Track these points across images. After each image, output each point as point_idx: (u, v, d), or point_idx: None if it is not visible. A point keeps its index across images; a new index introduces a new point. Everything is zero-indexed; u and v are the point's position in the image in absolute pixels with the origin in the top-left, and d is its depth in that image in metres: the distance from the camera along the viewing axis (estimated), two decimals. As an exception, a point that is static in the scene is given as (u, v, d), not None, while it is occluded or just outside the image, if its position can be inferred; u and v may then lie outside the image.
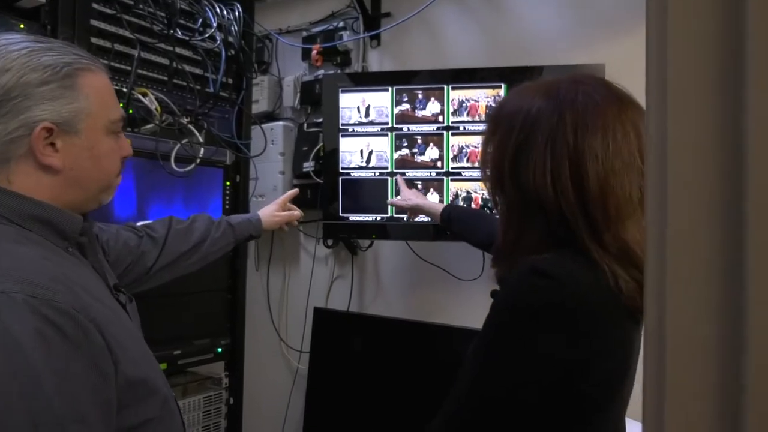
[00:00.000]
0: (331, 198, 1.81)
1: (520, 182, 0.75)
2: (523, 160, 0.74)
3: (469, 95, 1.70)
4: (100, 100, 0.85)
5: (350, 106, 1.79)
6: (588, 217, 0.71)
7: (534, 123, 0.74)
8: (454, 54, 1.93)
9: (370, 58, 2.10)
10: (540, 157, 0.73)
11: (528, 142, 0.74)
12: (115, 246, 1.15)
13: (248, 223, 1.44)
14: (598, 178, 0.71)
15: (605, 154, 0.71)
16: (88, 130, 0.84)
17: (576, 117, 0.72)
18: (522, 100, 0.77)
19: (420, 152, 1.74)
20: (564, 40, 1.75)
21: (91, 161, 0.85)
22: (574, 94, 0.74)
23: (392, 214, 1.76)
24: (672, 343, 0.30)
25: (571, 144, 0.72)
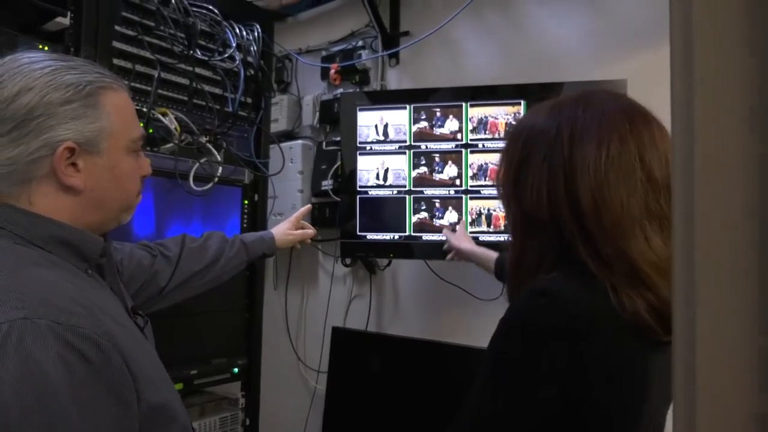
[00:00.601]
0: (349, 216, 1.81)
1: (520, 199, 0.75)
2: (522, 177, 0.75)
3: (489, 112, 1.70)
4: (122, 119, 0.86)
5: (368, 124, 1.80)
6: (584, 232, 0.71)
7: (534, 140, 0.75)
8: (472, 71, 1.93)
9: (388, 76, 2.11)
10: (537, 172, 0.74)
11: (528, 159, 0.75)
12: (129, 265, 1.15)
13: (261, 242, 1.45)
14: (591, 190, 0.70)
15: (598, 166, 0.70)
16: (110, 150, 0.84)
17: (573, 131, 0.73)
18: (530, 118, 0.79)
19: (438, 170, 1.73)
20: (585, 56, 1.74)
21: (113, 181, 0.85)
22: (575, 109, 0.75)
23: (410, 232, 1.76)
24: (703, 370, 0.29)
25: (566, 157, 0.72)
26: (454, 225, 1.69)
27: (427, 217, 1.75)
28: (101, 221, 0.86)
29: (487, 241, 1.67)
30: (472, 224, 1.70)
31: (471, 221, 1.70)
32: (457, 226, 1.66)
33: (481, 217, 1.70)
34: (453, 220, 1.71)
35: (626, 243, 0.70)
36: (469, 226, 1.70)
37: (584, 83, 1.61)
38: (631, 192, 0.70)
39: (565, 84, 1.64)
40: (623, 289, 0.69)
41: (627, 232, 0.70)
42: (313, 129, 2.24)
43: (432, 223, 1.74)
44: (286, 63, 2.29)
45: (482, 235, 1.68)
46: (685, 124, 0.30)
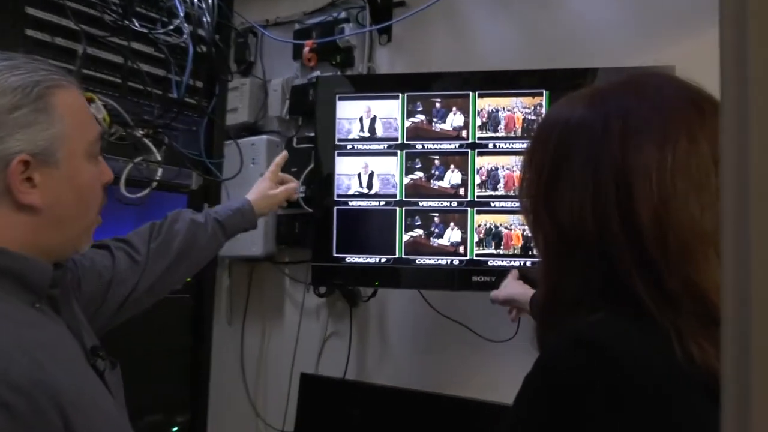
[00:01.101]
0: (325, 233, 1.80)
1: (556, 214, 0.74)
2: (557, 186, 0.74)
3: (502, 104, 1.70)
4: (77, 121, 0.92)
5: (351, 117, 1.80)
6: (642, 257, 0.68)
7: (573, 136, 0.74)
8: (483, 53, 1.93)
9: (377, 57, 2.11)
10: (579, 179, 0.73)
11: (564, 164, 0.74)
12: (89, 279, 1.17)
13: (239, 216, 1.48)
14: (653, 205, 0.68)
15: (662, 172, 0.68)
16: (68, 158, 0.90)
17: (626, 125, 0.71)
18: (561, 110, 0.77)
19: (438, 176, 1.73)
20: (623, 37, 1.74)
21: (74, 194, 0.91)
22: (627, 97, 0.73)
23: (401, 254, 1.75)
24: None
25: (617, 160, 0.70)
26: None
27: (423, 236, 1.74)
28: (59, 245, 0.92)
29: (496, 266, 1.67)
30: (479, 245, 1.70)
31: (477, 241, 1.70)
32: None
33: (490, 237, 1.70)
34: (456, 240, 1.71)
35: (698, 272, 0.67)
36: (474, 246, 1.70)
37: (623, 70, 1.59)
38: (704, 205, 0.68)
39: (599, 70, 1.64)
40: (693, 335, 0.66)
41: (699, 258, 0.67)
42: (282, 122, 2.23)
43: (429, 242, 1.73)
44: (249, 38, 2.28)
45: (491, 259, 1.68)
46: (737, 128, 0.31)
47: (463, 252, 1.71)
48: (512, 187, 1.68)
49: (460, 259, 1.70)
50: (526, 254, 1.66)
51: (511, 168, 1.69)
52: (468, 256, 1.70)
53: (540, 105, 1.68)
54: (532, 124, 1.68)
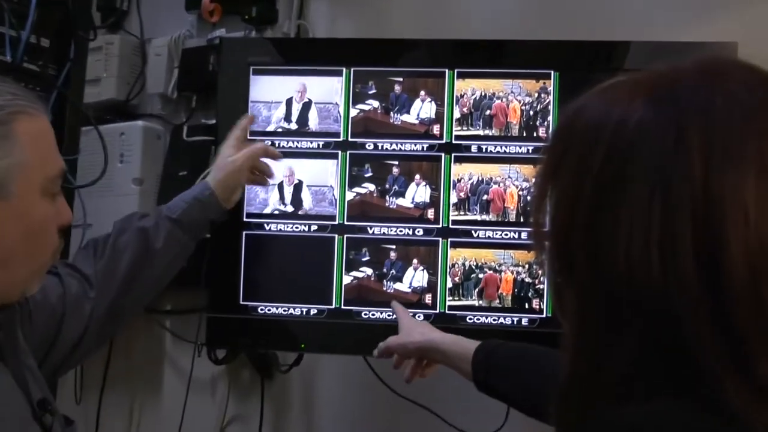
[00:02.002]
0: (227, 270, 1.80)
1: (601, 260, 0.74)
2: (607, 216, 0.74)
3: (492, 88, 1.72)
4: (38, 152, 1.12)
5: (271, 99, 1.81)
6: (727, 327, 0.69)
7: (630, 148, 0.74)
8: (466, 14, 1.96)
9: (312, 12, 2.13)
10: (640, 213, 0.72)
11: (618, 185, 0.74)
12: (42, 314, 1.34)
13: (198, 206, 1.60)
14: (748, 251, 0.69)
15: (762, 212, 0.70)
16: (21, 192, 1.09)
17: (710, 138, 0.71)
18: (609, 106, 0.78)
19: (397, 191, 1.74)
20: (666, 3, 1.80)
21: (23, 234, 1.11)
22: (706, 96, 0.73)
23: (340, 304, 1.76)
24: None
25: (698, 188, 0.70)
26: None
27: (373, 277, 1.75)
28: (2, 287, 1.11)
29: (478, 324, 1.69)
30: (454, 293, 1.72)
31: (452, 287, 1.72)
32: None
33: (470, 282, 1.71)
34: (420, 284, 1.73)
35: None
36: (447, 295, 1.72)
37: (666, 46, 1.64)
38: None
39: (632, 45, 1.67)
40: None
41: None
42: (166, 101, 2.24)
43: (381, 287, 1.75)
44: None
45: (470, 314, 1.70)
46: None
47: (430, 303, 1.72)
48: (500, 209, 1.71)
49: (425, 313, 1.71)
50: (522, 308, 1.69)
51: (502, 181, 1.72)
52: (437, 308, 1.72)
53: (545, 90, 1.72)
54: (534, 119, 1.72)
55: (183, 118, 2.21)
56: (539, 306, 1.69)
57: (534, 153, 1.71)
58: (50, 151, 1.18)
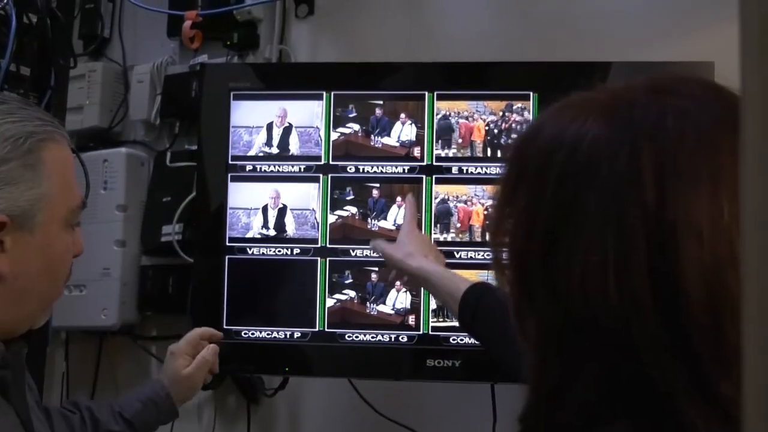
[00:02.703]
0: (210, 294, 1.80)
1: (559, 289, 0.74)
2: (563, 246, 0.73)
3: (461, 109, 1.74)
4: (63, 183, 1.14)
5: (252, 123, 1.82)
6: (686, 351, 0.69)
7: (585, 169, 0.73)
8: (446, 38, 1.97)
9: (293, 36, 2.14)
10: (594, 240, 0.72)
11: (572, 211, 0.73)
12: None
13: (152, 409, 1.52)
14: (704, 275, 0.68)
15: (717, 230, 0.69)
16: (46, 224, 1.10)
17: (663, 160, 0.71)
18: (564, 125, 0.77)
19: (378, 213, 1.75)
20: (645, 24, 1.81)
21: (45, 265, 1.12)
22: (658, 115, 0.73)
23: (323, 327, 1.76)
24: None
25: (651, 213, 0.69)
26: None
27: (356, 299, 1.76)
28: (15, 320, 1.12)
29: (462, 345, 1.69)
30: (437, 314, 1.72)
31: (435, 308, 1.72)
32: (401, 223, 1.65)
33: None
34: (403, 306, 1.74)
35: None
36: (430, 316, 1.72)
37: (646, 66, 1.66)
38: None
39: (612, 66, 1.69)
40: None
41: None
42: (150, 128, 2.24)
43: (364, 309, 1.75)
44: (102, 4, 2.29)
45: (454, 335, 1.71)
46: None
47: (413, 324, 1.72)
48: (467, 227, 1.72)
49: (409, 335, 1.72)
50: None
51: (469, 199, 1.73)
52: (421, 330, 1.72)
53: (512, 110, 1.73)
54: (498, 137, 1.73)
55: (166, 144, 2.21)
56: None
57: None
58: (73, 182, 1.19)
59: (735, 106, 0.69)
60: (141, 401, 1.51)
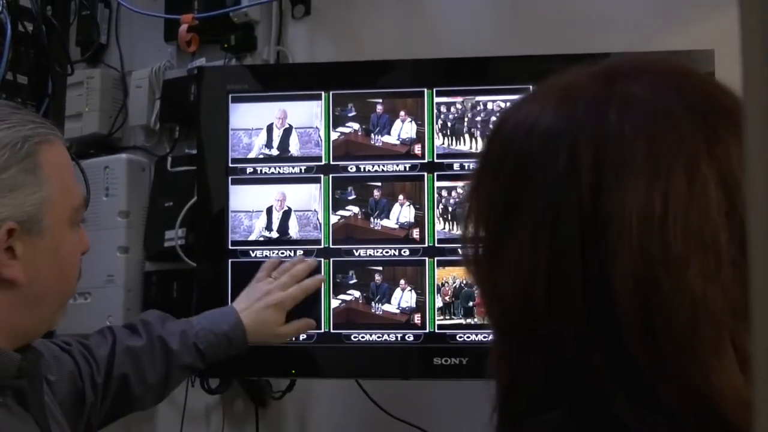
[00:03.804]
0: (214, 298, 1.78)
1: (498, 283, 0.75)
2: (506, 234, 0.74)
3: (474, 105, 1.74)
4: (63, 183, 1.16)
5: (252, 126, 1.82)
6: (617, 350, 0.69)
7: (532, 157, 0.74)
8: (444, 33, 1.98)
9: (290, 37, 2.14)
10: (531, 229, 0.72)
11: (519, 199, 0.73)
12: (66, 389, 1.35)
13: (225, 344, 1.56)
14: (633, 269, 0.67)
15: (648, 222, 0.67)
16: (53, 226, 1.13)
17: (600, 151, 0.70)
18: (522, 116, 0.77)
19: (380, 212, 1.75)
20: (645, 13, 1.82)
21: (57, 267, 1.16)
22: (602, 104, 0.72)
23: (329, 328, 1.75)
24: None
25: (585, 203, 0.69)
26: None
27: (360, 299, 1.75)
28: (33, 324, 1.16)
29: (469, 343, 1.69)
30: (444, 312, 1.71)
31: (441, 306, 1.71)
32: None
33: (459, 300, 1.71)
34: (409, 305, 1.73)
35: (703, 374, 0.67)
36: (436, 314, 1.71)
37: (647, 55, 1.65)
38: (712, 273, 0.67)
39: (612, 57, 1.67)
40: None
41: (704, 353, 0.67)
42: (150, 133, 2.24)
43: (369, 309, 1.74)
44: (99, 9, 2.29)
45: (460, 333, 1.70)
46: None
47: (419, 323, 1.71)
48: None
49: (415, 334, 1.71)
50: None
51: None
52: (427, 328, 1.71)
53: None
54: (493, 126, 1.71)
55: (166, 149, 2.22)
56: None
57: None
58: (73, 180, 1.22)
59: (700, 95, 0.73)
60: (216, 334, 1.55)
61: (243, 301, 1.64)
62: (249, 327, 1.59)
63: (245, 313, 1.61)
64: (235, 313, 1.60)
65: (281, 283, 1.67)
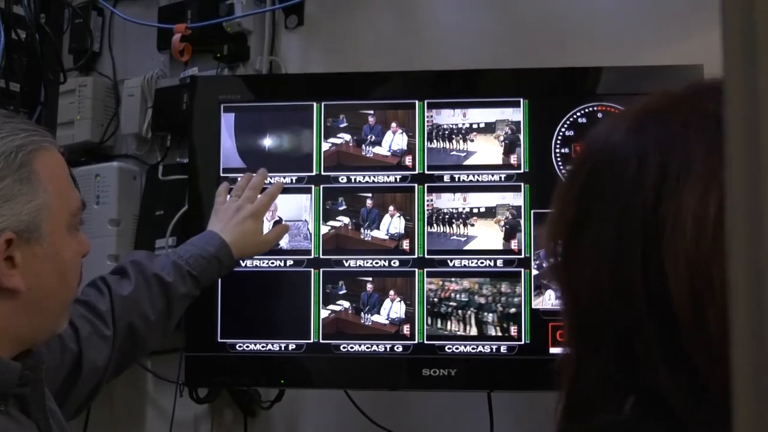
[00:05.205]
0: (204, 308, 1.78)
1: (572, 280, 0.78)
2: (581, 238, 0.77)
3: (462, 118, 1.75)
4: (59, 189, 1.16)
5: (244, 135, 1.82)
6: (674, 346, 0.71)
7: (605, 171, 0.78)
8: (436, 46, 1.99)
9: (284, 47, 2.15)
10: (602, 232, 0.76)
11: (593, 207, 0.77)
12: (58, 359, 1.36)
13: (216, 265, 1.59)
14: (689, 270, 0.70)
15: (701, 222, 0.70)
16: (51, 233, 1.13)
17: (665, 163, 0.73)
18: (602, 130, 0.82)
19: (370, 223, 1.76)
20: (636, 28, 1.83)
21: (57, 274, 1.16)
22: (672, 122, 0.76)
23: (318, 338, 1.75)
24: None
25: (648, 208, 0.73)
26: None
27: (350, 310, 1.75)
28: (35, 331, 1.16)
29: (458, 354, 1.69)
30: (433, 321, 1.72)
31: (429, 324, 1.72)
32: None
33: (449, 317, 1.71)
34: (398, 315, 1.73)
35: None
36: (424, 325, 1.71)
37: (635, 70, 1.69)
38: None
39: (603, 71, 1.71)
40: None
41: None
42: (142, 141, 2.24)
43: (359, 319, 1.74)
44: (92, 18, 2.29)
45: (449, 344, 1.70)
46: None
47: (408, 333, 1.72)
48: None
49: (404, 344, 1.72)
50: (507, 335, 1.68)
51: (468, 211, 1.74)
52: (416, 339, 1.71)
53: (512, 118, 1.73)
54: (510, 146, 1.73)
55: (158, 158, 2.21)
56: (517, 333, 1.68)
57: (507, 180, 1.73)
58: (69, 185, 1.22)
59: None
60: (205, 258, 1.58)
61: (217, 224, 1.66)
62: (233, 243, 1.62)
63: (225, 232, 1.63)
64: (216, 234, 1.62)
65: (246, 197, 1.69)
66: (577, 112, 1.68)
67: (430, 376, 1.69)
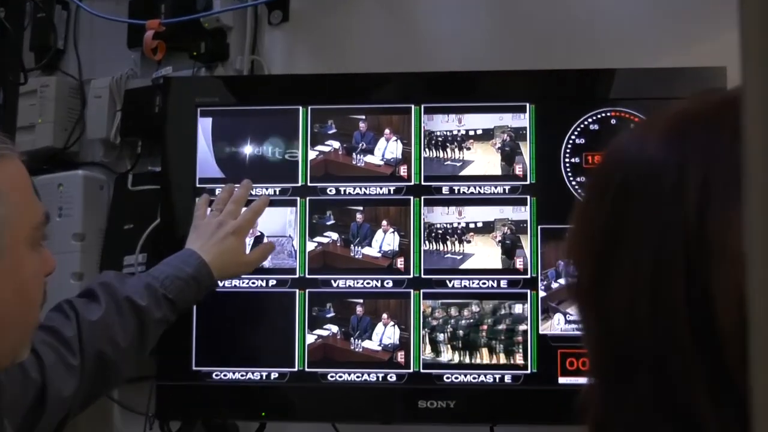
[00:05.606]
0: (177, 332, 1.72)
1: (603, 308, 0.76)
2: (612, 261, 0.75)
3: (462, 124, 1.70)
4: (22, 200, 1.13)
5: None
6: (720, 382, 0.69)
7: (638, 187, 0.76)
8: (433, 45, 1.95)
9: (267, 46, 2.11)
10: (637, 255, 0.74)
11: (625, 226, 0.75)
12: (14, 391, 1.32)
13: (194, 288, 1.55)
14: (736, 299, 0.67)
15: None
16: (12, 247, 1.09)
17: (708, 178, 0.71)
18: (631, 141, 0.81)
19: (362, 239, 1.71)
20: (650, 26, 1.80)
21: (16, 291, 1.10)
22: (712, 134, 0.73)
23: (303, 366, 1.71)
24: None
25: (691, 229, 0.71)
26: None
27: (339, 335, 1.72)
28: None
29: (456, 383, 1.64)
30: (429, 350, 1.67)
31: (426, 351, 1.67)
32: None
33: (448, 344, 1.66)
34: (391, 341, 1.69)
35: None
36: (420, 352, 1.66)
37: (652, 72, 1.66)
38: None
39: (616, 73, 1.66)
40: None
41: None
42: (109, 148, 2.18)
43: (348, 345, 1.71)
44: (56, 12, 2.24)
45: (448, 373, 1.65)
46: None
47: (402, 361, 1.69)
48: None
49: (398, 373, 1.69)
50: (512, 363, 1.65)
51: (470, 225, 1.70)
52: (411, 367, 1.68)
53: (516, 124, 1.69)
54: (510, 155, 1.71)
55: (127, 166, 2.16)
56: (523, 361, 1.65)
57: (511, 193, 1.70)
58: (31, 197, 1.18)
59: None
60: (182, 279, 1.55)
61: (196, 241, 1.62)
62: (213, 262, 1.59)
63: (204, 250, 1.60)
64: (195, 253, 1.59)
65: (229, 212, 1.65)
66: (588, 118, 1.66)
67: (427, 408, 1.66)
